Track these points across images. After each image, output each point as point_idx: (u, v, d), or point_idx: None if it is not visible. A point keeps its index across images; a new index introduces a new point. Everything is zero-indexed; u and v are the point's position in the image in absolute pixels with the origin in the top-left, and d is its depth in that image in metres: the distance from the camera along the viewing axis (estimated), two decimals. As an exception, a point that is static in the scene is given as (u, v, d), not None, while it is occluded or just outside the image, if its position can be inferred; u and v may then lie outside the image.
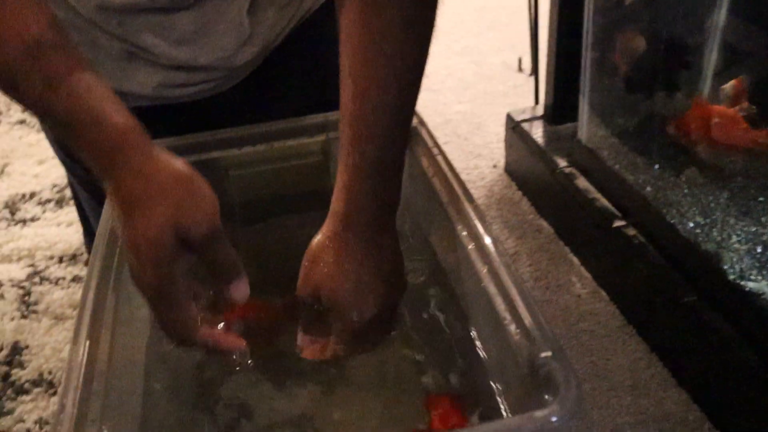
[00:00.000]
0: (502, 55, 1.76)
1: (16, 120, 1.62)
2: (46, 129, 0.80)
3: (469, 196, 0.61)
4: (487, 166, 1.30)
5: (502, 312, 0.51)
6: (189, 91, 0.73)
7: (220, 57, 0.70)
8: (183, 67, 0.70)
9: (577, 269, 1.03)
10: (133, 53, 0.69)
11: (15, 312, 1.02)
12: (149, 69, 0.70)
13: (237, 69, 0.73)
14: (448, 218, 0.62)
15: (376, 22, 0.53)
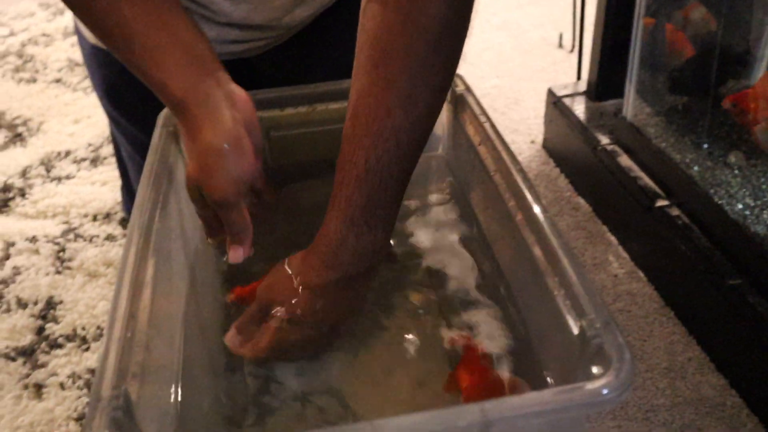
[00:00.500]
0: (541, 31, 1.73)
1: (53, 79, 1.62)
2: (95, 82, 0.80)
3: (518, 165, 0.59)
4: (524, 142, 1.28)
5: (551, 282, 0.49)
6: (239, 48, 0.72)
7: (274, 17, 0.69)
8: (236, 25, 0.69)
9: (614, 248, 1.01)
10: (188, 8, 0.68)
11: (50, 267, 1.03)
12: (203, 24, 0.69)
13: (288, 29, 0.72)
14: (494, 187, 0.61)
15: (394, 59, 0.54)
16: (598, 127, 1.08)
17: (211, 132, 0.55)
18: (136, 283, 0.51)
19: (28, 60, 1.72)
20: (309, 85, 0.74)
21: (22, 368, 0.87)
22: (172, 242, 0.61)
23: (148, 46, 0.53)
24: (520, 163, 0.60)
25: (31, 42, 1.81)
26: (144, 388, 0.46)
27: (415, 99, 0.55)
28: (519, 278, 0.58)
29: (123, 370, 0.44)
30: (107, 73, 0.76)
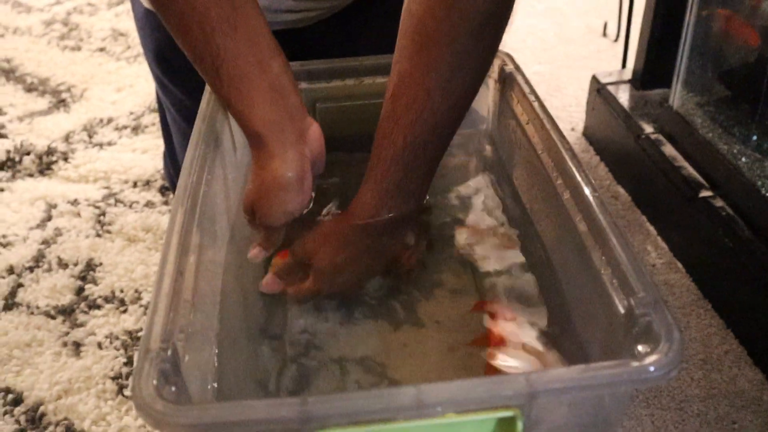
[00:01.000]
0: (585, 19, 1.70)
1: (96, 48, 1.64)
2: (146, 46, 0.81)
3: (566, 143, 0.59)
4: (564, 129, 1.26)
5: (598, 260, 0.49)
6: (291, 18, 0.72)
7: None
8: None
9: (653, 238, 1.00)
10: None
11: (90, 230, 1.05)
12: None
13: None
14: (542, 165, 0.60)
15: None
16: (642, 115, 1.06)
17: (280, 166, 0.58)
18: (184, 243, 0.51)
19: (73, 28, 1.74)
20: (356, 58, 0.74)
21: (62, 326, 0.89)
22: (216, 205, 0.62)
23: (234, 75, 0.55)
24: (569, 142, 0.59)
25: (77, 11, 1.83)
26: (189, 345, 0.47)
27: (454, 84, 0.58)
28: (563, 256, 0.58)
29: (171, 325, 0.44)
30: (159, 37, 0.77)
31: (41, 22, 1.78)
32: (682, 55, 0.97)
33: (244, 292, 0.65)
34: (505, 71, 0.71)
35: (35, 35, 1.72)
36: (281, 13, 0.71)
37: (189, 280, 0.50)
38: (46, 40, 1.69)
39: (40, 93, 1.46)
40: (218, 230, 0.63)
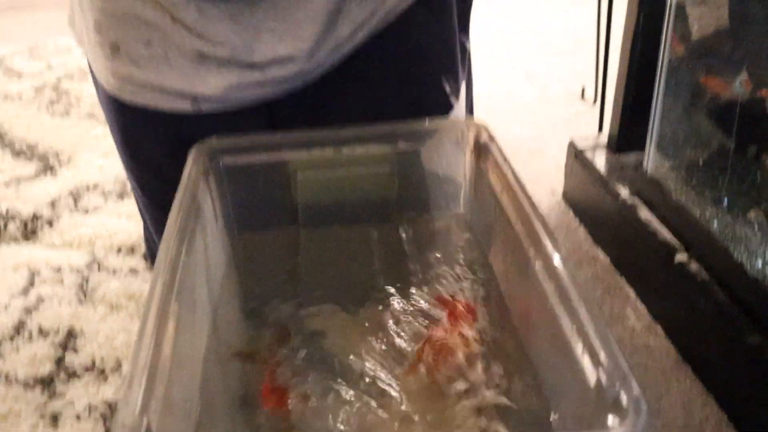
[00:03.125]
0: (564, 82, 1.75)
1: (85, 113, 1.67)
2: (113, 130, 0.82)
3: (538, 214, 0.60)
4: (544, 193, 1.29)
5: (569, 331, 0.50)
6: (259, 92, 0.74)
7: (298, 48, 0.71)
8: (257, 65, 0.71)
9: (632, 302, 1.01)
10: (205, 54, 0.70)
11: (73, 297, 1.05)
12: (222, 70, 0.71)
13: (312, 65, 0.73)
14: (515, 234, 0.62)
15: None
16: (618, 179, 1.09)
17: None
18: (162, 316, 0.52)
19: (63, 94, 1.77)
20: (335, 128, 0.75)
21: (40, 397, 0.88)
22: (196, 277, 0.63)
23: None
24: (539, 211, 0.61)
25: (67, 77, 1.87)
26: (165, 419, 0.47)
27: None
28: (534, 326, 0.59)
29: (147, 400, 0.45)
30: (124, 122, 0.78)
31: (32, 88, 1.82)
32: (653, 121, 1.00)
33: (224, 362, 0.65)
34: (480, 141, 0.73)
35: (26, 101, 1.75)
36: (248, 88, 0.73)
37: (166, 353, 0.50)
38: (36, 105, 1.72)
39: (27, 158, 1.48)
40: (198, 301, 0.63)
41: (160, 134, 0.76)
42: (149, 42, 0.70)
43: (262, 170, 0.74)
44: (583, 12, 2.22)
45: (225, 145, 0.71)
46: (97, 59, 0.75)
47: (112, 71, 0.73)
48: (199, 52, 0.70)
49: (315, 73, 0.75)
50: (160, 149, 0.69)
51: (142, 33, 0.70)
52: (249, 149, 0.73)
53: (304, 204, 0.76)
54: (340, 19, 0.72)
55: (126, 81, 0.73)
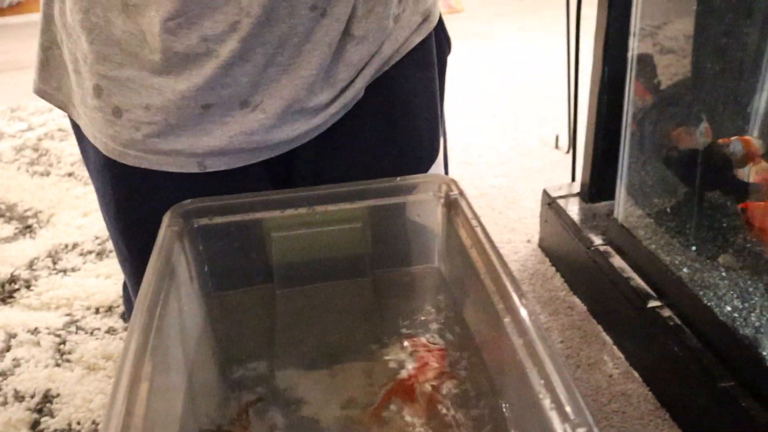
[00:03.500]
0: (539, 132, 1.79)
1: (65, 173, 1.68)
2: (105, 193, 0.81)
3: (507, 269, 0.61)
4: (521, 241, 1.31)
5: (537, 386, 0.51)
6: (262, 144, 0.75)
7: (299, 90, 0.72)
8: (260, 108, 0.73)
9: (609, 348, 1.02)
10: (211, 104, 0.72)
11: (49, 360, 1.04)
12: (225, 118, 0.72)
13: (312, 111, 0.75)
14: (484, 290, 0.63)
15: None
16: (591, 228, 1.11)
17: None
18: (134, 381, 0.52)
19: (43, 154, 1.79)
20: (309, 188, 0.77)
21: (15, 463, 0.87)
22: (171, 339, 0.63)
23: None
24: (508, 266, 0.62)
25: (48, 136, 1.88)
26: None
27: None
28: (506, 382, 0.60)
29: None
30: (121, 191, 0.77)
31: (12, 148, 1.83)
32: (622, 170, 1.03)
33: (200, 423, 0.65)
34: (450, 197, 0.75)
35: (5, 161, 1.76)
36: (255, 134, 0.74)
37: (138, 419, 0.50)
38: (16, 165, 1.73)
39: (6, 219, 1.48)
40: (172, 363, 0.63)
41: (162, 197, 0.75)
42: (153, 105, 0.71)
43: (236, 231, 0.75)
44: (555, 62, 2.29)
45: (200, 206, 0.73)
46: (94, 124, 0.75)
47: (112, 136, 0.73)
48: (206, 104, 0.71)
49: (319, 128, 0.77)
50: (160, 212, 0.70)
51: (145, 97, 0.71)
52: (224, 210, 0.74)
53: (278, 263, 0.77)
54: (339, 61, 0.74)
55: (128, 146, 0.74)
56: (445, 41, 0.93)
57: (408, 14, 0.80)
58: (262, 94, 0.73)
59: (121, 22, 0.69)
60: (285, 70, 0.72)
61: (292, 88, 0.73)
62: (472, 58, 2.38)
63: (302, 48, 0.72)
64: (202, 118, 0.72)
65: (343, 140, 0.81)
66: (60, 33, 0.76)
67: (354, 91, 0.77)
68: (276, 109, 0.73)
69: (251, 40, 0.69)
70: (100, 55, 0.71)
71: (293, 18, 0.70)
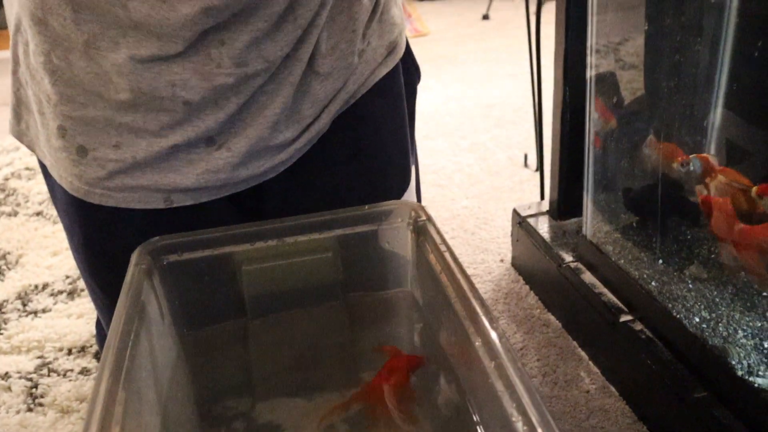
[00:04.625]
0: (508, 152, 1.81)
1: (33, 212, 1.66)
2: (73, 231, 0.81)
3: (476, 292, 0.62)
4: (494, 261, 1.32)
5: (509, 408, 0.51)
6: (230, 180, 0.75)
7: (264, 126, 0.73)
8: (225, 146, 0.73)
9: (585, 364, 1.03)
10: (178, 145, 0.72)
11: (21, 405, 1.02)
12: (192, 156, 0.73)
13: (278, 147, 0.76)
14: (455, 314, 0.63)
15: None
16: (561, 245, 1.12)
17: None
18: (105, 424, 0.51)
19: (10, 194, 1.76)
20: (277, 220, 0.77)
21: None
22: (142, 381, 0.63)
23: None
24: (477, 290, 0.63)
25: (14, 176, 1.86)
26: None
27: None
28: (482, 404, 0.60)
29: None
30: (87, 229, 0.77)
31: (-22, 189, 1.80)
32: (588, 188, 1.04)
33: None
34: (418, 223, 0.76)
35: (-29, 203, 1.73)
36: (222, 172, 0.74)
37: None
38: (-18, 207, 1.71)
39: (-26, 262, 1.46)
40: (145, 404, 0.63)
41: (129, 233, 0.76)
42: (119, 144, 0.71)
43: (207, 266, 0.75)
44: (520, 81, 2.32)
45: (168, 243, 0.72)
46: (59, 164, 0.75)
47: (78, 175, 0.73)
48: (174, 144, 0.72)
49: (285, 163, 0.78)
50: (129, 248, 0.70)
51: (111, 136, 0.71)
52: (193, 246, 0.74)
53: (250, 296, 0.77)
54: (304, 98, 0.75)
55: (94, 185, 0.73)
56: (414, 69, 0.94)
57: (373, 48, 0.81)
58: (227, 134, 0.73)
59: (84, 63, 0.69)
60: (249, 111, 0.73)
61: (257, 126, 0.73)
62: (439, 80, 2.40)
63: (266, 88, 0.73)
64: (169, 156, 0.73)
65: (311, 172, 0.82)
66: (25, 74, 0.76)
67: (319, 126, 0.78)
68: (241, 148, 0.74)
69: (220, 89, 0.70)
70: (64, 96, 0.71)
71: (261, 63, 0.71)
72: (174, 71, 0.68)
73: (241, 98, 0.71)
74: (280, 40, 0.70)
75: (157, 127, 0.71)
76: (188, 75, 0.68)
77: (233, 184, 0.77)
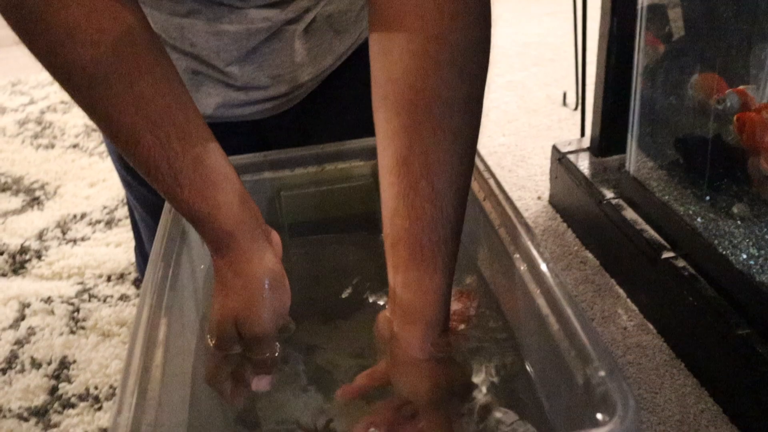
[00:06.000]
0: (546, 90, 1.77)
1: (70, 144, 1.67)
2: (109, 147, 0.83)
3: (521, 218, 0.61)
4: (531, 198, 1.30)
5: (556, 331, 0.50)
6: (248, 111, 0.74)
7: (278, 74, 0.72)
8: (244, 87, 0.72)
9: (623, 301, 1.02)
10: (198, 71, 0.71)
11: (64, 327, 1.04)
12: (212, 89, 0.72)
13: (296, 88, 0.74)
14: (499, 240, 0.62)
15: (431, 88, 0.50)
16: (602, 182, 1.10)
17: (258, 265, 0.56)
18: (150, 340, 0.52)
19: (46, 127, 1.77)
20: (317, 146, 0.76)
21: (35, 429, 0.88)
22: (184, 300, 0.63)
23: (197, 179, 0.53)
24: (523, 216, 0.61)
25: (50, 109, 1.87)
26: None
27: (466, 137, 0.53)
28: (524, 329, 0.59)
29: (137, 425, 0.45)
30: None
31: (15, 122, 1.82)
32: (633, 123, 1.01)
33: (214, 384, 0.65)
34: (461, 150, 0.74)
35: (9, 135, 1.75)
36: (236, 107, 0.74)
37: (155, 376, 0.50)
38: (20, 139, 1.72)
39: (14, 192, 1.48)
40: (186, 323, 0.63)
41: None
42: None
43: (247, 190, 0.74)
44: (559, 20, 2.25)
45: (209, 166, 0.72)
46: None
47: None
48: (193, 69, 0.71)
49: (301, 94, 0.77)
50: None
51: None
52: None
53: (289, 222, 0.77)
54: (315, 51, 0.73)
55: None
56: None
57: None
58: (245, 77, 0.72)
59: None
60: (270, 56, 0.72)
61: (275, 69, 0.72)
62: (475, 18, 2.34)
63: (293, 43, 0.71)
64: (191, 84, 0.72)
65: (328, 105, 0.80)
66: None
67: (332, 69, 0.77)
68: (261, 84, 0.72)
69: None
70: None
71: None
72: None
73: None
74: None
75: (178, 53, 0.70)
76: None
77: (249, 115, 0.76)
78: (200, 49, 0.69)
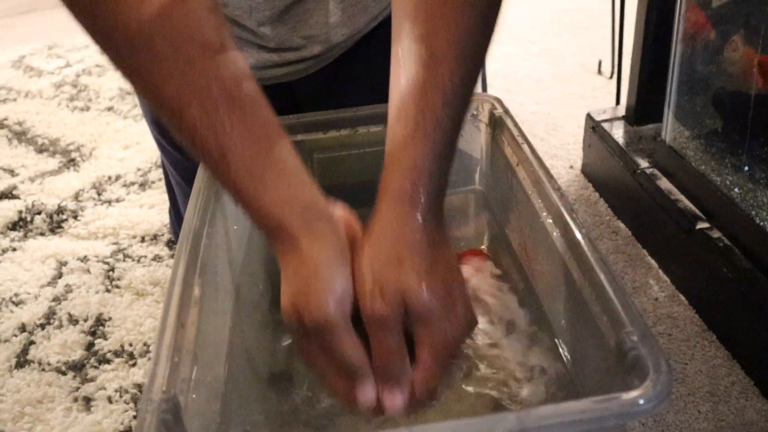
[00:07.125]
0: (580, 58, 1.74)
1: (105, 107, 1.69)
2: (145, 110, 0.83)
3: (555, 183, 0.60)
4: (563, 167, 1.29)
5: (588, 295, 0.50)
6: (280, 72, 0.74)
7: (311, 35, 0.72)
8: (276, 49, 0.72)
9: (654, 272, 1.01)
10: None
11: (100, 286, 1.07)
12: (244, 50, 0.72)
13: (329, 50, 0.74)
14: (532, 206, 0.62)
15: None
16: (636, 151, 1.08)
17: (312, 247, 0.48)
18: (185, 298, 0.53)
19: (82, 89, 1.80)
20: (350, 109, 0.76)
21: (72, 382, 0.91)
22: (218, 260, 0.64)
23: (245, 154, 0.48)
24: (557, 181, 0.61)
25: (85, 72, 1.89)
26: (191, 396, 0.48)
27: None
28: (555, 294, 0.59)
29: (173, 376, 0.46)
30: None
31: (51, 84, 1.84)
32: (671, 91, 0.99)
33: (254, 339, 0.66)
34: (495, 115, 0.73)
35: (46, 98, 1.77)
36: (268, 68, 0.74)
37: (191, 332, 0.51)
38: (56, 102, 1.74)
39: (50, 153, 1.50)
40: (221, 282, 0.64)
41: None
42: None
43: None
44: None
45: (242, 128, 0.72)
46: None
47: None
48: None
49: (330, 57, 0.76)
50: None
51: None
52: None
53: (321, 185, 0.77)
54: (350, 11, 0.73)
55: None
56: None
57: None
58: (278, 38, 0.72)
59: None
60: (303, 16, 0.71)
61: (308, 29, 0.72)
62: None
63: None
64: None
65: (360, 67, 0.80)
66: None
67: (367, 31, 0.76)
68: (294, 45, 0.72)
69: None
70: None
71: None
72: None
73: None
74: None
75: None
76: None
77: (281, 77, 0.76)
78: (232, 9, 0.69)
